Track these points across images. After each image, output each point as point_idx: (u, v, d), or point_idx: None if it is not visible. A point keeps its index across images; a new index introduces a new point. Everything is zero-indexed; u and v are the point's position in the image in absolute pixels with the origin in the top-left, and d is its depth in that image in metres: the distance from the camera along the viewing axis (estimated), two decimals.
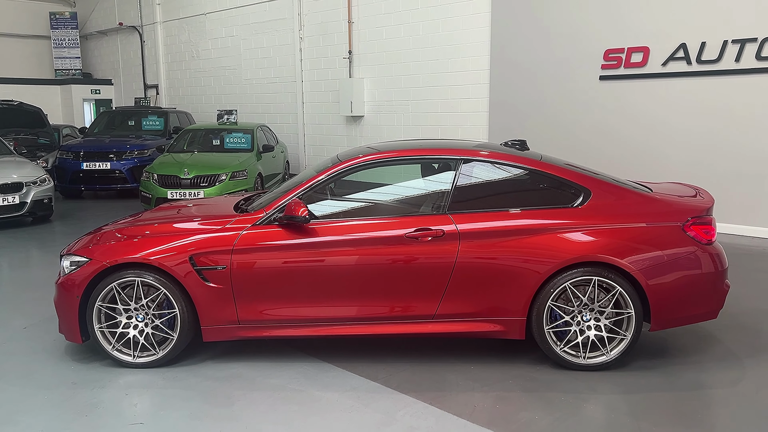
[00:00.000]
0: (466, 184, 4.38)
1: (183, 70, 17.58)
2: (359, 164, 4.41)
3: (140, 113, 14.49)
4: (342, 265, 4.20)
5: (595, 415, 3.67)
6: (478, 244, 4.16)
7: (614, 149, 9.58)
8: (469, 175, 4.40)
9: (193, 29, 16.94)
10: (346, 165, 4.41)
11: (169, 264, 4.17)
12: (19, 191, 9.36)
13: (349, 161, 4.42)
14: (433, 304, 4.22)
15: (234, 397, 3.90)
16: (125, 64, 19.74)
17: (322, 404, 3.79)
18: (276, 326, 4.28)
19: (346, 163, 4.42)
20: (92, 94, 20.18)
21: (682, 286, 4.18)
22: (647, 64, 9.25)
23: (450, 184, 4.36)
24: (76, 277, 4.24)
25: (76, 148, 12.64)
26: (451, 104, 11.63)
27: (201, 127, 12.29)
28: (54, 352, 4.58)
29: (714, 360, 4.43)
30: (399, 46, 12.29)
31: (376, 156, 4.45)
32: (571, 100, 10.09)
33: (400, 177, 4.70)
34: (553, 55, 10.18)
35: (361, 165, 4.41)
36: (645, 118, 9.31)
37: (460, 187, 4.35)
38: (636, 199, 4.35)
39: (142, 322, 4.29)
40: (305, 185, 4.37)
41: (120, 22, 19.24)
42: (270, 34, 14.83)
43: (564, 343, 4.20)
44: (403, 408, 3.73)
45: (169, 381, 4.12)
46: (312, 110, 14.25)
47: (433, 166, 4.69)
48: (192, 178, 9.82)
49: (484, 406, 3.75)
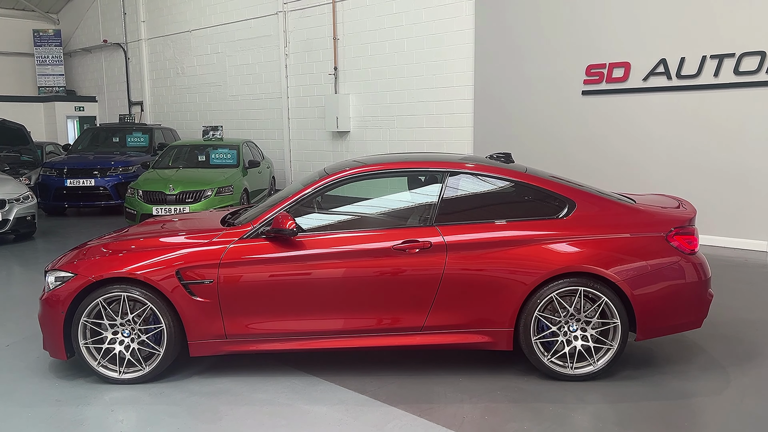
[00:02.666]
0: (452, 196, 4.41)
1: (168, 86, 17.56)
2: (346, 177, 4.43)
3: (125, 130, 14.43)
4: (330, 277, 4.20)
5: (583, 425, 3.68)
6: (465, 255, 4.19)
7: (598, 162, 9.69)
8: (456, 188, 4.44)
9: (177, 46, 16.96)
10: (333, 178, 4.42)
11: (155, 278, 4.15)
12: (2, 208, 9.26)
13: (336, 174, 4.44)
14: (421, 316, 4.23)
15: (221, 412, 3.87)
16: (109, 80, 19.68)
17: (310, 418, 3.78)
18: (263, 340, 4.26)
19: (333, 176, 4.44)
20: (76, 111, 20.07)
21: (667, 295, 4.22)
22: (629, 79, 9.39)
23: (437, 197, 4.39)
24: (61, 293, 4.20)
25: (60, 165, 12.54)
26: (436, 119, 11.72)
27: (186, 143, 12.27)
28: (37, 370, 4.52)
29: (698, 369, 4.47)
30: (384, 62, 12.39)
31: (362, 169, 4.47)
32: (554, 115, 10.21)
33: (387, 190, 4.73)
34: (536, 70, 10.32)
35: (347, 178, 4.43)
36: (627, 131, 9.45)
37: (446, 200, 4.39)
38: (620, 210, 4.40)
39: (128, 337, 4.25)
40: (292, 198, 4.38)
41: (104, 39, 19.22)
42: (255, 51, 14.89)
43: (551, 354, 4.23)
44: (393, 420, 3.72)
45: (155, 397, 4.08)
46: (298, 126, 14.29)
47: (419, 178, 4.73)
48: (177, 194, 9.78)
49: (473, 418, 3.75)
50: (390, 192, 4.75)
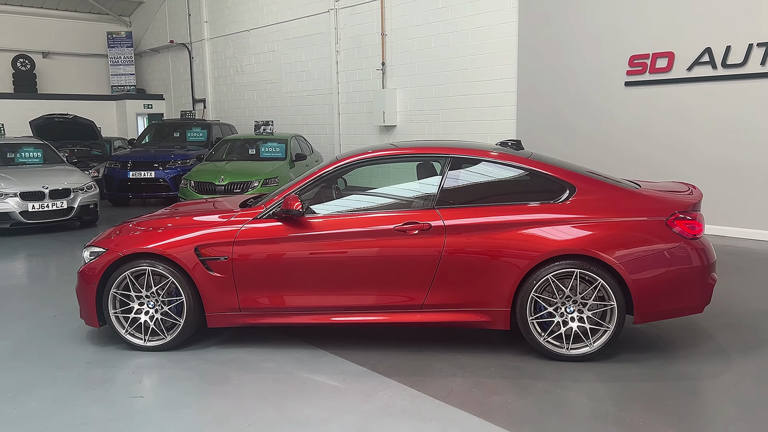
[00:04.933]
0: (454, 181, 4.58)
1: (228, 84, 18.28)
2: (352, 162, 4.67)
3: (185, 125, 15.20)
4: (334, 256, 4.46)
5: (566, 400, 3.79)
6: (463, 237, 4.35)
7: (641, 153, 9.55)
8: (457, 173, 4.61)
9: (237, 45, 17.63)
10: (341, 163, 4.68)
11: (176, 254, 4.52)
12: (67, 197, 10.02)
13: (343, 160, 4.70)
14: (420, 295, 4.42)
15: (229, 377, 4.20)
16: (175, 79, 20.65)
17: (308, 385, 4.04)
18: (273, 314, 4.56)
19: (341, 161, 4.69)
20: (145, 108, 21.16)
21: (666, 279, 4.25)
22: (672, 69, 9.21)
23: (438, 181, 4.57)
24: (94, 267, 4.64)
25: (124, 158, 13.36)
26: (480, 112, 11.79)
27: (239, 137, 12.83)
28: (75, 337, 4.98)
29: (701, 354, 4.47)
30: (430, 56, 12.55)
31: (369, 155, 4.70)
32: (597, 106, 10.11)
33: (394, 175, 4.94)
34: (579, 62, 10.24)
35: (353, 163, 4.67)
36: (671, 122, 9.27)
37: (448, 184, 4.56)
38: (620, 195, 4.45)
39: (152, 308, 4.64)
40: (302, 182, 4.66)
41: (171, 39, 20.16)
42: (308, 48, 15.33)
43: (548, 334, 4.33)
44: (383, 390, 3.94)
45: (174, 362, 4.45)
46: (347, 121, 14.64)
47: (428, 164, 4.91)
48: (226, 185, 10.29)
49: (460, 390, 3.92)
50: (396, 177, 4.96)
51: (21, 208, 9.66)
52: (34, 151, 11.51)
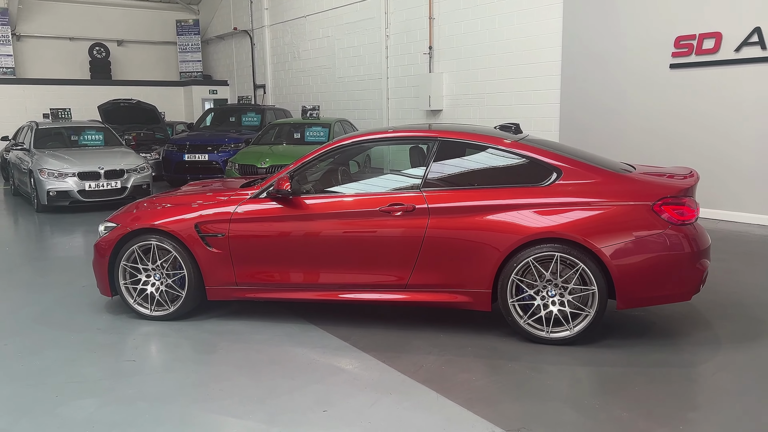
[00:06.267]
0: (441, 163, 4.65)
1: (286, 70, 18.72)
2: (341, 145, 4.83)
3: (240, 110, 15.72)
4: (322, 236, 4.63)
5: (531, 381, 3.82)
6: (446, 219, 4.42)
7: (685, 137, 9.21)
8: (444, 155, 4.67)
9: (294, 31, 18.01)
10: (329, 147, 4.85)
11: (179, 231, 4.81)
12: (121, 177, 10.67)
13: (334, 143, 4.86)
14: (405, 274, 4.53)
15: (218, 347, 4.46)
16: (239, 65, 21.32)
17: (288, 357, 4.25)
18: (266, 289, 4.79)
19: (331, 144, 4.86)
20: (210, 94, 21.98)
21: (649, 266, 4.17)
22: (719, 51, 8.80)
23: (426, 164, 4.65)
24: (106, 240, 5.00)
25: (181, 141, 13.98)
26: (524, 96, 11.63)
27: (286, 122, 13.18)
28: (95, 306, 5.38)
29: (691, 344, 4.38)
30: (476, 39, 12.46)
31: (357, 137, 4.85)
32: (641, 89, 9.78)
33: (386, 157, 5.06)
34: (624, 43, 9.92)
35: (343, 146, 4.83)
36: (717, 106, 8.87)
37: (435, 166, 4.63)
38: (607, 179, 4.39)
39: (158, 280, 4.97)
40: (295, 164, 4.85)
41: (234, 26, 20.81)
42: (360, 34, 15.49)
43: (528, 316, 4.36)
44: (357, 363, 4.09)
45: (175, 331, 4.76)
46: (396, 105, 14.74)
47: (420, 147, 4.99)
48: (268, 167, 10.64)
49: (430, 367, 4.02)
50: (388, 159, 5.07)
51: (79, 187, 10.37)
52: (96, 134, 12.27)
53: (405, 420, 3.35)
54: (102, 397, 3.67)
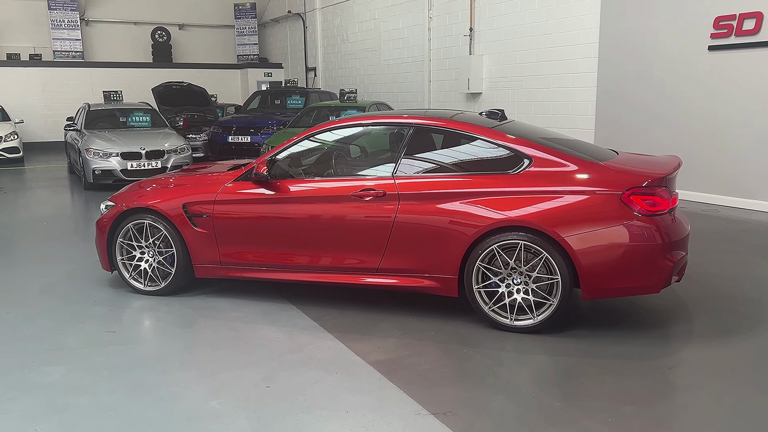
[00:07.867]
0: (414, 149, 4.68)
1: (335, 53, 18.89)
2: (317, 131, 4.93)
3: (286, 93, 16.02)
4: (298, 218, 4.76)
5: (478, 367, 3.84)
6: (414, 205, 4.46)
7: (723, 121, 8.80)
8: (418, 141, 4.69)
9: (344, 14, 18.12)
10: (308, 132, 4.96)
11: (168, 210, 5.05)
12: (161, 158, 11.15)
13: (312, 129, 4.98)
14: (376, 259, 4.61)
15: (196, 322, 4.69)
16: (292, 48, 21.66)
17: (255, 334, 4.42)
18: (246, 269, 4.98)
19: (309, 131, 4.98)
20: (265, 76, 22.45)
21: (615, 256, 4.09)
22: (760, 31, 8.31)
23: (399, 149, 4.69)
24: (105, 218, 5.31)
25: (227, 123, 14.43)
26: (561, 79, 11.35)
27: (323, 105, 13.36)
28: (99, 279, 5.72)
29: (662, 337, 4.27)
30: (515, 21, 12.22)
31: (331, 124, 4.95)
32: (679, 71, 9.37)
33: (365, 142, 5.12)
34: (662, 25, 9.51)
35: (319, 131, 4.93)
36: (756, 89, 8.41)
37: (408, 152, 4.66)
38: (577, 167, 4.30)
39: (151, 257, 5.24)
40: (275, 150, 4.98)
41: (289, 10, 21.12)
42: (404, 16, 15.44)
43: (493, 303, 4.35)
44: (317, 343, 4.22)
45: (163, 305, 5.02)
46: (437, 88, 14.66)
47: (398, 132, 5.01)
48: None
49: (386, 349, 4.09)
50: (366, 144, 5.13)
51: (121, 166, 10.92)
52: (144, 115, 12.84)
53: (339, 399, 3.45)
54: (72, 364, 3.94)
